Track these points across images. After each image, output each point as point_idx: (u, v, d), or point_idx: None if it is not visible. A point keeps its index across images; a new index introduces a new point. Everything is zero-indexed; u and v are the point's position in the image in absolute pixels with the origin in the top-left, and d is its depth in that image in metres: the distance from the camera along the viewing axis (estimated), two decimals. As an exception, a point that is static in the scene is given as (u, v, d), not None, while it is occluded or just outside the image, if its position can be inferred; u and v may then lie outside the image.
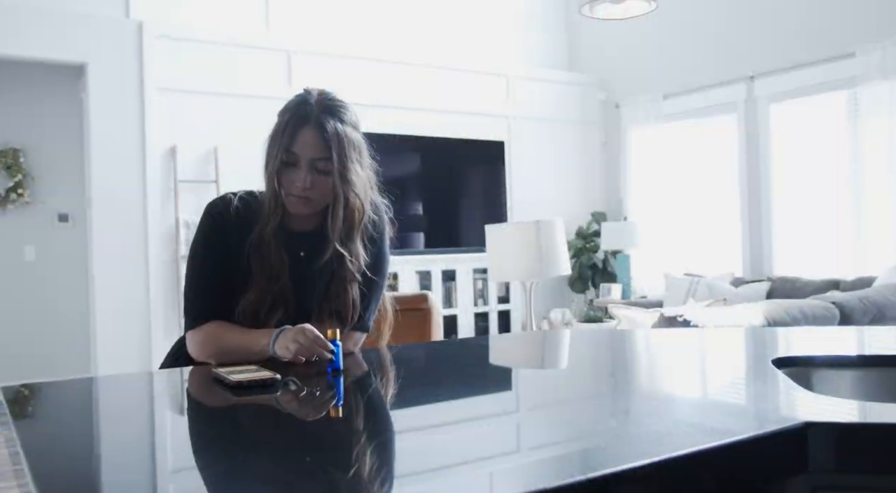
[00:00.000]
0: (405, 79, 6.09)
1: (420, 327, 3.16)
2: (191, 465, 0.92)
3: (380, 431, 1.07)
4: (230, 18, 5.46)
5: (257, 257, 1.58)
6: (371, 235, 1.67)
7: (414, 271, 5.74)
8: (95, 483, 0.86)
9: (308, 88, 1.61)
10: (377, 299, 1.71)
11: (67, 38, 4.81)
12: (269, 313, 1.56)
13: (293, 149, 1.54)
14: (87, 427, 1.18)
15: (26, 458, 0.88)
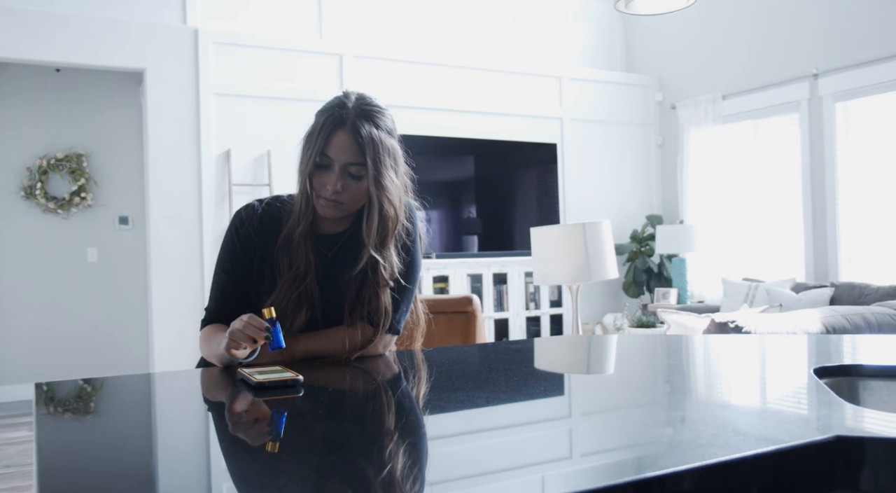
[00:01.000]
0: (458, 82, 6.08)
1: (465, 329, 3.13)
2: (189, 463, 0.91)
3: (426, 434, 1.05)
4: (284, 24, 5.54)
5: (285, 256, 1.58)
6: (404, 242, 1.66)
7: (466, 273, 5.72)
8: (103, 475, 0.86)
9: (347, 91, 1.61)
10: (408, 304, 1.70)
11: (128, 46, 4.96)
12: (294, 312, 1.57)
13: (327, 152, 1.54)
14: (107, 423, 1.19)
15: (38, 455, 0.89)
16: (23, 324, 5.55)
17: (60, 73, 5.63)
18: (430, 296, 3.25)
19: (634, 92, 6.90)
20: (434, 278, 5.57)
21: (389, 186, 1.56)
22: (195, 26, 5.17)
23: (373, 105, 1.59)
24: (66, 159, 5.59)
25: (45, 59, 4.83)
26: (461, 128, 6.07)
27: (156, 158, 5.02)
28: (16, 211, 5.53)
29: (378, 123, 1.56)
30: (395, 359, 1.65)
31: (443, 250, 5.88)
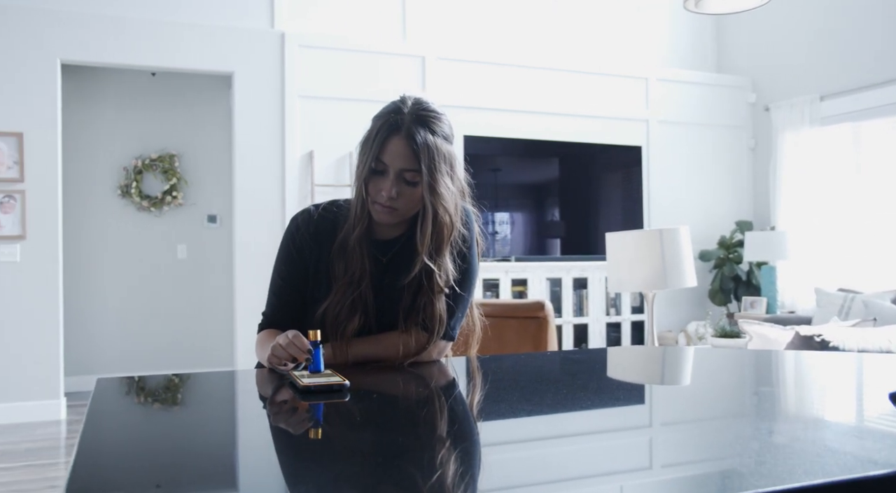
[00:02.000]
0: (542, 83, 6.02)
1: (536, 335, 3.08)
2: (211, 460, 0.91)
3: (501, 440, 1.04)
4: (368, 27, 5.61)
5: (340, 261, 1.58)
6: (460, 250, 1.63)
7: (545, 277, 5.64)
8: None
9: (404, 96, 1.59)
10: (463, 311, 1.67)
11: (218, 50, 5.12)
12: (348, 318, 1.56)
13: (382, 158, 1.52)
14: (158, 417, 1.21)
15: (79, 444, 0.91)
16: (115, 317, 5.82)
17: (156, 77, 5.87)
18: (502, 300, 3.21)
19: (726, 93, 6.66)
20: (513, 280, 5.52)
21: (444, 192, 1.53)
22: (282, 30, 5.29)
23: (429, 110, 1.56)
24: (159, 160, 5.83)
25: (141, 63, 5.04)
26: (546, 130, 6.01)
27: (242, 159, 5.17)
28: (113, 209, 5.80)
29: (434, 129, 1.54)
30: (448, 365, 1.63)
31: (525, 252, 5.82)
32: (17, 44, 4.64)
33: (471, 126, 5.71)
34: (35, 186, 4.65)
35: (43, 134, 4.69)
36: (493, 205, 5.84)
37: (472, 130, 5.69)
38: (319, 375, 1.27)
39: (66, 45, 4.77)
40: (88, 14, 4.83)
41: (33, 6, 4.71)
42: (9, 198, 4.58)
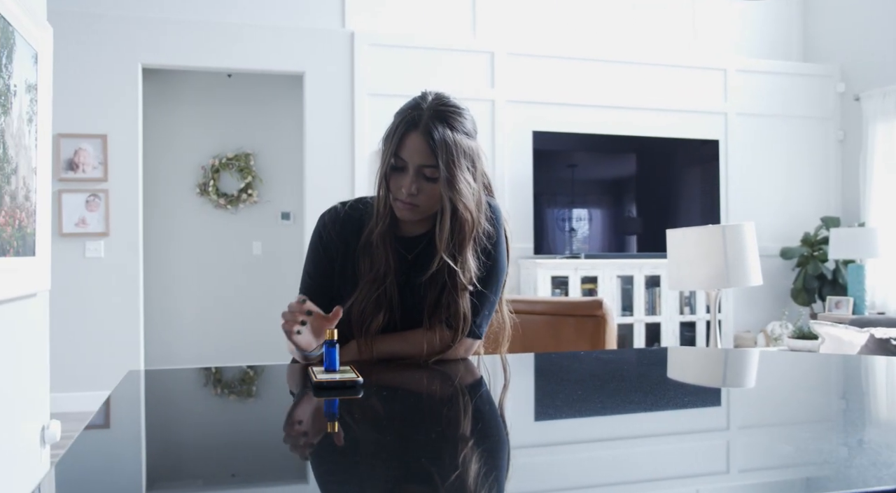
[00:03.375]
0: (616, 77, 5.89)
1: (593, 334, 3.01)
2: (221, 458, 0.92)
3: (574, 439, 1.03)
4: (437, 24, 5.61)
5: (366, 258, 1.57)
6: (485, 246, 1.60)
7: (616, 275, 5.52)
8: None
9: (425, 92, 1.57)
10: (490, 308, 1.64)
11: (289, 51, 5.23)
12: (373, 314, 1.55)
13: (401, 154, 1.52)
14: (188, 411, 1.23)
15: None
16: (193, 311, 6.02)
17: (231, 78, 6.05)
18: (558, 298, 3.16)
19: (812, 83, 6.35)
20: (582, 278, 5.43)
21: (463, 188, 1.50)
22: (352, 29, 5.36)
23: (448, 105, 1.54)
24: (235, 158, 6.00)
25: (218, 65, 5.20)
26: (622, 124, 5.89)
27: (312, 157, 5.26)
28: (191, 207, 6.00)
29: (453, 124, 1.51)
30: (477, 363, 1.60)
31: (603, 249, 5.72)
32: (101, 50, 4.86)
33: (542, 122, 5.64)
34: (118, 186, 4.86)
35: (125, 135, 4.90)
36: (570, 201, 5.75)
37: (543, 125, 5.62)
38: (334, 372, 1.26)
39: (146, 50, 4.97)
40: (167, 20, 5.02)
41: (116, 14, 4.93)
42: (94, 197, 4.80)
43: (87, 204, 4.78)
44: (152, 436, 1.04)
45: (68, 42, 4.77)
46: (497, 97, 5.61)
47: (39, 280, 2.62)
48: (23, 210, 2.45)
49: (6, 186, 2.27)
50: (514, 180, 5.61)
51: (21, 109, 2.43)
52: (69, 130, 4.76)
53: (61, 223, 4.72)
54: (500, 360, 1.67)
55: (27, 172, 2.50)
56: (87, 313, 4.81)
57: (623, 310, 5.59)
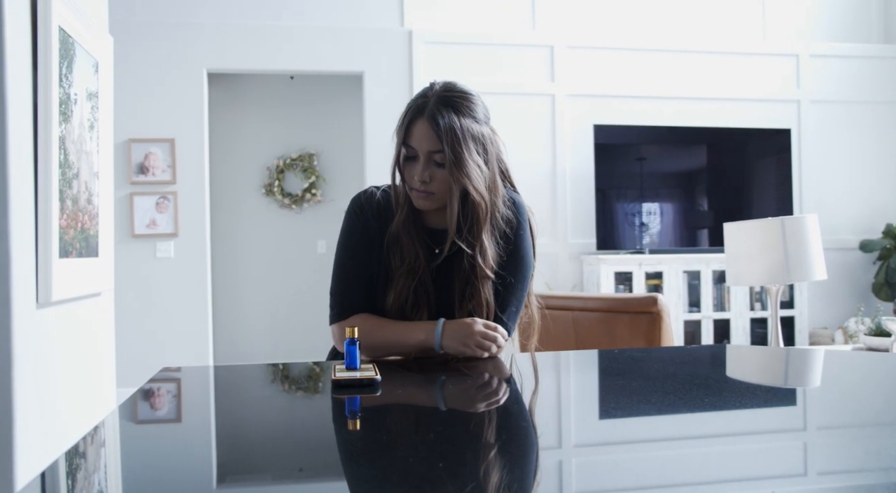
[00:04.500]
0: (681, 67, 5.75)
1: (649, 331, 2.94)
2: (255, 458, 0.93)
3: (640, 438, 1.02)
4: (496, 19, 5.58)
5: (396, 252, 1.57)
6: (504, 232, 1.58)
7: (682, 270, 5.38)
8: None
9: (434, 81, 1.57)
10: (517, 300, 1.61)
11: (349, 51, 5.30)
12: (413, 308, 1.55)
13: (410, 142, 1.52)
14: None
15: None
16: (260, 308, 6.17)
17: (294, 79, 6.16)
18: (612, 294, 3.09)
19: (894, 66, 6.05)
20: (647, 274, 5.31)
21: (472, 172, 1.49)
22: (409, 28, 5.38)
23: (455, 91, 1.54)
24: (299, 159, 6.12)
25: (280, 68, 5.31)
26: (691, 116, 5.75)
27: (373, 155, 5.31)
28: (257, 207, 6.15)
29: (460, 110, 1.51)
30: (507, 361, 1.57)
31: (674, 244, 5.59)
32: (167, 57, 5.03)
33: (603, 115, 5.55)
34: (186, 188, 5.02)
35: (192, 139, 5.05)
36: (639, 195, 5.63)
37: (604, 119, 5.53)
38: (354, 370, 1.27)
39: (211, 56, 5.11)
40: (231, 25, 5.15)
41: (181, 21, 5.08)
42: (163, 199, 4.97)
43: (156, 206, 4.95)
44: (222, 430, 1.06)
45: (137, 51, 4.96)
46: (557, 91, 5.54)
47: (103, 280, 2.73)
48: (85, 213, 2.55)
49: (68, 190, 2.37)
50: (575, 175, 5.54)
51: (82, 116, 2.53)
52: (139, 135, 4.94)
53: (133, 225, 4.91)
54: (532, 358, 1.65)
55: (89, 176, 2.60)
56: (158, 312, 4.98)
57: (690, 306, 5.45)
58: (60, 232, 2.28)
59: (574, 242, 5.56)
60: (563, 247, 5.54)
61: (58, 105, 2.26)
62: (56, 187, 2.23)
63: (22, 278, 2.02)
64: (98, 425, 1.02)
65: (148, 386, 1.32)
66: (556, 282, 5.51)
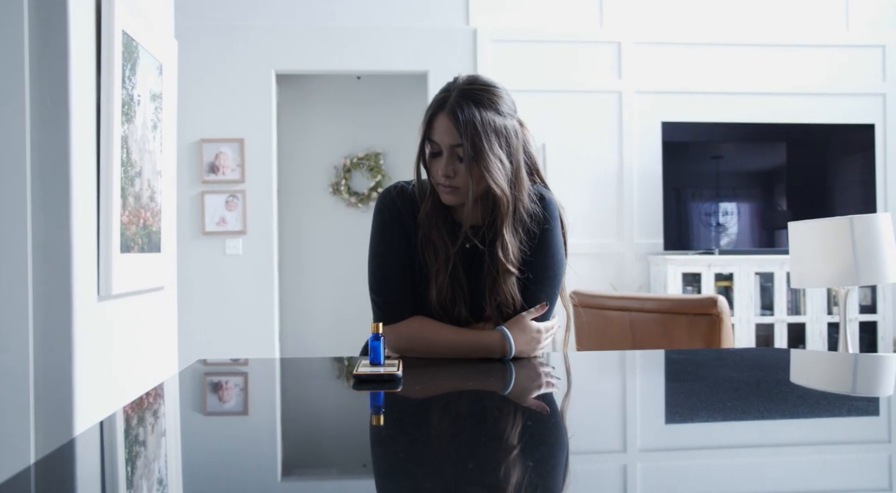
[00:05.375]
0: (756, 62, 5.56)
1: (708, 334, 2.86)
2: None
3: (708, 444, 0.99)
4: (562, 16, 5.51)
5: (429, 248, 1.56)
6: (528, 227, 1.55)
7: (754, 272, 5.19)
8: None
9: (458, 76, 1.55)
10: (546, 297, 1.57)
11: (414, 51, 5.33)
12: (452, 303, 1.54)
13: (432, 137, 1.52)
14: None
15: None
16: (325, 305, 6.27)
17: (360, 79, 6.24)
18: (671, 295, 3.01)
19: None
20: (716, 275, 5.15)
21: (492, 165, 1.47)
22: (474, 26, 5.38)
23: (477, 84, 1.52)
24: (365, 158, 6.19)
25: (347, 68, 5.39)
26: (769, 112, 5.55)
27: (436, 155, 5.32)
28: (324, 205, 6.25)
29: (481, 102, 1.48)
30: (543, 362, 1.54)
31: (754, 244, 5.41)
32: (237, 58, 5.16)
33: (672, 112, 5.41)
34: (254, 186, 5.15)
35: (261, 139, 5.18)
36: (715, 194, 5.47)
37: (673, 116, 5.39)
38: (378, 365, 1.27)
39: (279, 57, 5.23)
40: (298, 27, 5.25)
41: (250, 24, 5.22)
42: (232, 197, 5.11)
43: (226, 204, 5.10)
44: (287, 423, 1.07)
45: (208, 54, 5.11)
46: (624, 88, 5.43)
47: (165, 275, 2.82)
48: (147, 210, 2.64)
49: (130, 187, 2.46)
50: (642, 173, 5.42)
51: (145, 116, 2.62)
52: (210, 135, 5.09)
53: (204, 222, 5.07)
54: (565, 358, 1.62)
55: (152, 174, 2.69)
56: (226, 307, 5.12)
57: (762, 309, 5.26)
58: (122, 228, 2.37)
59: (640, 242, 5.45)
60: (630, 247, 5.43)
61: (120, 106, 2.35)
62: (118, 185, 2.31)
63: (83, 271, 2.11)
64: (151, 417, 1.05)
65: (217, 379, 1.35)
66: (622, 283, 5.41)
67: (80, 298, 2.07)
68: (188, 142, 5.07)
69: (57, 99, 2.04)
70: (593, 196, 5.42)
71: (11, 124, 1.98)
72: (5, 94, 1.99)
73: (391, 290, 1.58)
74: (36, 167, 2.01)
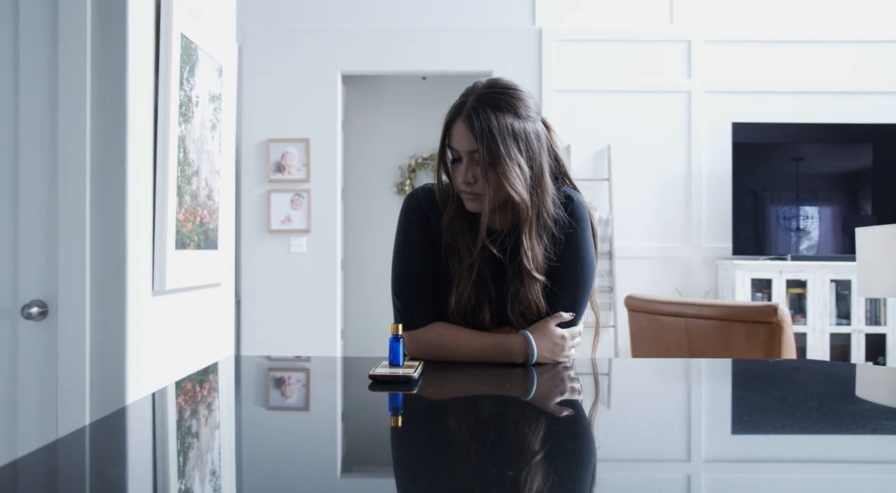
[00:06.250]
0: (836, 59, 5.33)
1: (767, 342, 2.76)
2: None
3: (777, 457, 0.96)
4: (630, 15, 5.41)
5: (453, 253, 1.55)
6: (552, 233, 1.51)
7: (829, 279, 4.97)
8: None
9: (479, 80, 1.53)
10: (575, 303, 1.53)
11: (479, 51, 5.33)
12: (476, 309, 1.52)
13: (451, 144, 1.49)
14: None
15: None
16: (388, 304, 6.30)
17: (426, 80, 6.27)
18: (728, 302, 2.91)
19: None
20: (788, 282, 4.96)
21: (509, 172, 1.43)
22: (540, 26, 5.33)
23: (497, 88, 1.48)
24: (430, 158, 6.22)
25: (412, 69, 5.42)
26: (854, 112, 5.32)
27: (499, 156, 5.30)
28: (389, 205, 6.31)
29: (498, 106, 1.45)
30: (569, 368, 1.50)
31: (835, 250, 5.20)
32: (303, 60, 5.26)
33: (743, 112, 5.24)
34: (319, 186, 5.24)
35: (326, 139, 5.26)
36: (795, 197, 5.26)
37: (744, 116, 5.22)
38: (397, 366, 1.27)
39: (345, 58, 5.31)
40: (364, 29, 5.32)
41: (317, 27, 5.31)
42: (298, 196, 5.22)
43: (291, 203, 5.20)
44: (348, 420, 1.08)
45: (275, 56, 5.23)
46: (693, 88, 5.29)
47: (222, 272, 2.90)
48: (204, 208, 2.72)
49: (187, 186, 2.53)
50: (710, 175, 5.27)
51: (204, 117, 2.70)
52: (277, 135, 5.21)
53: (269, 221, 5.18)
54: (593, 364, 1.58)
55: (210, 173, 2.77)
56: (289, 304, 5.23)
57: (839, 318, 5.03)
58: (178, 225, 2.44)
59: (708, 245, 5.29)
60: (697, 251, 5.29)
61: (177, 107, 2.42)
62: (173, 183, 2.38)
63: (138, 267, 2.18)
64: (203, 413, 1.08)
65: (279, 375, 1.38)
66: (688, 288, 5.27)
67: (134, 292, 2.14)
68: (255, 142, 5.19)
69: (115, 101, 2.11)
70: (659, 198, 5.29)
71: (73, 126, 2.07)
72: (68, 96, 2.08)
73: (413, 295, 1.56)
74: (95, 167, 2.09)
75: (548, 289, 1.51)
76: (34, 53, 2.09)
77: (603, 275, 5.19)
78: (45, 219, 2.08)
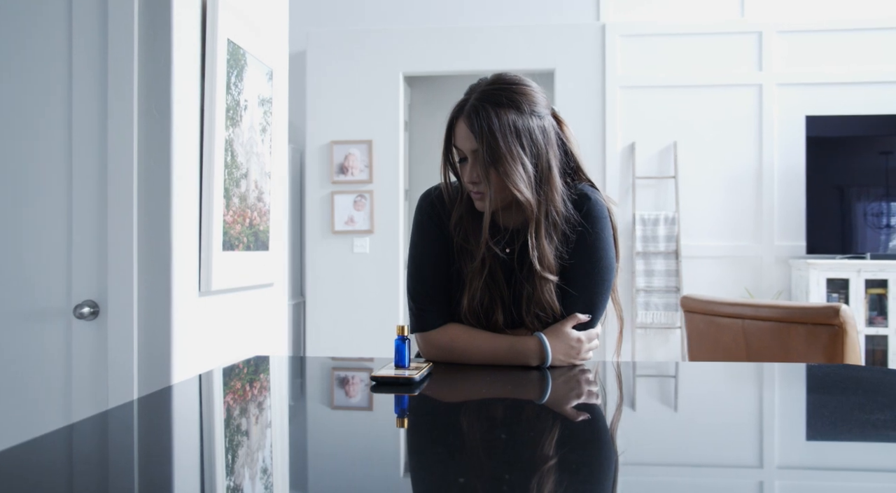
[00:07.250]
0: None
1: (829, 345, 2.63)
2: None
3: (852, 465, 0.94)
4: (699, 8, 5.24)
5: (464, 255, 1.52)
6: (563, 232, 1.46)
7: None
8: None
9: (485, 77, 1.49)
10: (593, 304, 1.48)
11: (540, 48, 5.27)
12: (489, 309, 1.50)
13: (455, 144, 1.46)
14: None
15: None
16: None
17: (489, 80, 6.25)
18: (789, 303, 2.79)
19: None
20: (867, 281, 4.71)
21: (511, 170, 1.39)
22: (603, 22, 5.23)
23: (500, 83, 1.44)
24: (493, 158, 6.19)
25: (474, 69, 5.40)
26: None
27: (561, 154, 5.23)
28: (453, 205, 6.32)
29: (501, 103, 1.41)
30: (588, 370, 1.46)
31: None
32: (366, 62, 5.32)
33: (821, 105, 5.00)
34: (381, 187, 5.29)
35: (388, 140, 5.31)
36: (884, 193, 4.99)
37: (822, 109, 4.98)
38: (402, 368, 1.26)
39: (407, 59, 5.34)
40: (425, 30, 5.34)
41: (378, 28, 5.36)
42: (360, 197, 5.28)
43: (354, 204, 5.27)
44: (412, 422, 1.08)
45: (337, 58, 5.30)
46: (765, 81, 5.09)
47: (272, 272, 2.95)
48: (254, 210, 2.78)
49: (235, 188, 2.59)
50: (783, 171, 5.06)
51: (253, 120, 2.76)
52: (340, 137, 5.28)
53: (333, 222, 5.26)
54: (617, 366, 1.53)
55: (259, 176, 2.82)
56: (353, 305, 5.29)
57: (924, 321, 4.75)
58: (226, 227, 2.50)
59: (780, 243, 5.08)
60: (769, 249, 5.08)
61: (224, 111, 2.48)
62: (220, 186, 2.44)
63: (184, 268, 2.24)
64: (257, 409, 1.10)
65: (343, 374, 1.39)
66: (759, 289, 5.07)
67: (179, 293, 2.21)
68: (318, 144, 5.28)
69: (161, 107, 2.18)
70: (728, 196, 5.12)
71: (120, 130, 2.15)
72: (117, 104, 2.16)
73: (426, 296, 1.54)
74: (142, 172, 2.16)
75: (563, 290, 1.47)
76: (85, 65, 2.18)
77: (669, 275, 5.06)
78: (96, 223, 2.17)
